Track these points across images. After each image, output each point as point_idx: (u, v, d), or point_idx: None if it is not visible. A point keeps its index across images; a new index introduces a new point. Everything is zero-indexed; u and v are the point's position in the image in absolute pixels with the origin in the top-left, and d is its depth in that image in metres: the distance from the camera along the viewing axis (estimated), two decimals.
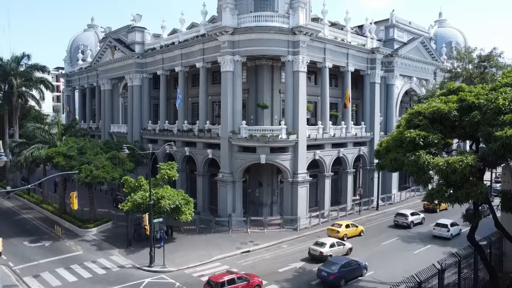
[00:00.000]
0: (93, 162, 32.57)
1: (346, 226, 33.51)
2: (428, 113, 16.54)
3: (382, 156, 18.19)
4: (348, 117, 42.20)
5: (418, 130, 16.24)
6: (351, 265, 24.61)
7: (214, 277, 22.18)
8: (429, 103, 17.24)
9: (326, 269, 23.79)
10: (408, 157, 15.70)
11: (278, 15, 34.97)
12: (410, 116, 17.37)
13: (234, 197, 36.29)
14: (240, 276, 22.48)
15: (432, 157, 15.57)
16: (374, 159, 44.09)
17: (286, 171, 35.82)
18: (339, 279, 23.50)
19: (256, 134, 34.47)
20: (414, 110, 17.41)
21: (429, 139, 15.84)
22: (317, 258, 27.57)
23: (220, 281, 21.41)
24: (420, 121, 16.67)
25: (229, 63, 35.46)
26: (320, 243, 28.68)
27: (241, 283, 22.03)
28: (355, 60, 42.58)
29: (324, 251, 27.73)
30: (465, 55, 42.43)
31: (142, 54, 46.97)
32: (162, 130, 44.37)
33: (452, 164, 14.18)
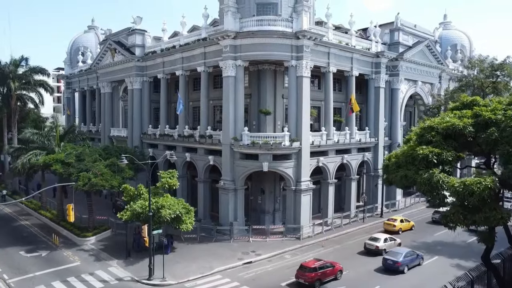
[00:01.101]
0: (92, 169, 31.80)
1: (400, 221, 37.61)
2: (441, 128, 15.69)
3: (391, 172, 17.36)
4: (352, 123, 41.37)
5: (431, 147, 15.38)
6: (411, 255, 28.70)
7: (306, 263, 26.23)
8: (441, 118, 16.40)
9: (391, 258, 28.03)
10: (420, 175, 14.88)
11: (281, 19, 34.15)
12: (422, 131, 16.52)
13: (236, 205, 35.51)
14: (327, 262, 26.71)
15: (447, 176, 14.75)
16: (378, 165, 43.86)
17: (289, 178, 35.01)
18: (403, 266, 27.67)
19: (259, 141, 33.64)
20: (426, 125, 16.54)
21: (442, 156, 15.00)
22: (373, 252, 31.19)
23: (313, 266, 25.74)
24: (432, 136, 15.81)
25: (231, 68, 34.66)
26: (375, 238, 32.19)
27: (328, 268, 26.38)
28: (359, 65, 41.74)
29: (379, 245, 31.29)
30: (477, 63, 41.37)
31: (142, 57, 46.18)
32: (163, 135, 43.59)
33: (469, 186, 13.36)
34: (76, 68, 63.79)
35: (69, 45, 66.35)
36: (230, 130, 34.72)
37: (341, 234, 37.00)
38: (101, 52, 52.91)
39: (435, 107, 36.73)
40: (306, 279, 25.20)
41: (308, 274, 25.28)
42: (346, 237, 36.38)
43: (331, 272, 26.34)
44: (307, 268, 25.61)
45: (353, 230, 38.31)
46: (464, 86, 37.76)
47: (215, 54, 36.59)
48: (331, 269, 26.41)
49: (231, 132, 34.78)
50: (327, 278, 26.07)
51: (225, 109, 35.26)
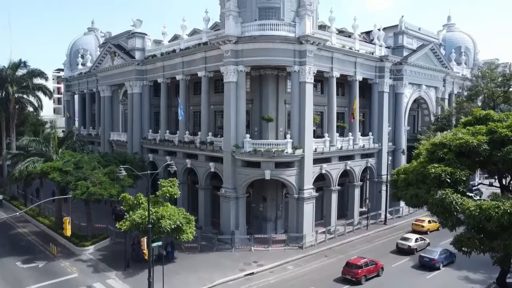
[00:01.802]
0: (90, 177, 31.11)
1: (428, 222, 38.83)
2: (454, 146, 14.95)
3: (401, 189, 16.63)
4: (355, 128, 40.61)
5: (443, 165, 14.65)
6: (445, 253, 30.60)
7: (353, 261, 28.20)
8: (454, 134, 15.65)
9: (428, 256, 30.24)
10: (432, 196, 14.14)
11: (283, 23, 33.41)
12: (433, 147, 15.77)
13: (237, 213, 34.81)
14: (370, 260, 28.74)
15: (460, 197, 14.00)
16: (382, 171, 43.15)
17: (292, 186, 34.28)
18: (439, 263, 29.87)
19: (261, 148, 32.90)
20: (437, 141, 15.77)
21: (456, 176, 14.27)
22: (405, 251, 33.31)
23: (359, 263, 27.71)
24: (445, 154, 15.08)
25: (232, 74, 33.94)
26: (406, 238, 34.20)
27: (372, 265, 28.46)
28: (363, 69, 40.97)
29: (411, 245, 33.46)
30: (487, 72, 40.34)
31: (142, 61, 45.47)
32: (163, 140, 42.91)
33: (486, 211, 12.64)
34: (76, 71, 63.12)
35: (68, 47, 65.65)
36: (232, 137, 34.01)
37: (345, 242, 36.25)
38: (101, 55, 52.20)
39: (443, 117, 35.79)
40: (353, 275, 27.42)
41: (355, 270, 27.46)
42: (350, 246, 35.64)
43: (374, 269, 28.61)
44: (354, 265, 27.76)
45: (356, 238, 37.58)
46: (474, 95, 36.69)
47: (216, 59, 35.86)
48: (374, 266, 28.66)
49: (232, 139, 34.07)
50: (371, 275, 28.32)
51: (226, 115, 34.55)
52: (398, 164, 45.32)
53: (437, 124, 36.28)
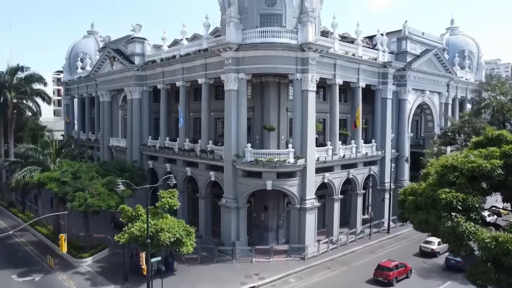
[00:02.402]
0: (88, 188, 30.49)
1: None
2: (466, 169, 14.24)
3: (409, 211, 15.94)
4: (358, 135, 39.94)
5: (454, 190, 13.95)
6: None
7: (384, 263, 29.75)
8: (465, 156, 14.94)
9: (454, 258, 29.88)
10: (443, 223, 13.45)
11: (285, 30, 32.75)
12: (443, 169, 15.05)
13: (238, 223, 34.17)
14: (400, 263, 30.13)
15: (474, 225, 13.32)
16: (385, 179, 42.48)
17: (294, 197, 33.64)
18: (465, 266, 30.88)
19: (262, 158, 32.26)
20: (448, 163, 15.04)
21: (468, 202, 13.59)
22: (429, 254, 34.67)
23: (391, 266, 29.29)
24: (456, 177, 14.37)
25: (233, 81, 33.28)
26: (429, 241, 34.89)
27: (402, 267, 29.95)
28: (366, 75, 40.29)
29: (434, 248, 34.62)
30: (497, 86, 39.34)
31: (142, 67, 44.81)
32: (163, 147, 42.27)
33: (503, 244, 11.96)
34: (75, 75, 62.45)
35: (68, 50, 64.98)
36: (232, 146, 33.36)
37: (347, 253, 35.62)
38: (100, 59, 51.53)
39: (452, 131, 34.93)
40: (385, 277, 28.96)
41: (387, 273, 29.02)
42: (353, 257, 35.00)
43: (404, 271, 30.01)
44: (386, 268, 29.31)
45: (359, 248, 36.93)
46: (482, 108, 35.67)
47: (217, 66, 35.20)
48: (404, 269, 30.03)
49: (233, 148, 33.43)
50: (401, 277, 29.81)
51: (227, 124, 33.89)
52: (401, 171, 44.79)
53: (444, 138, 35.45)
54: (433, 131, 49.92)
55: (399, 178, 44.64)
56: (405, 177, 44.94)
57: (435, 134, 49.92)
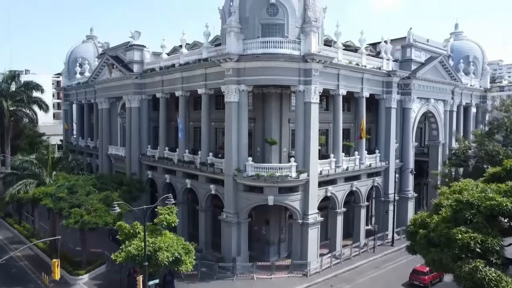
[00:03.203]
0: (84, 204, 29.60)
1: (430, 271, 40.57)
2: (484, 207, 13.27)
3: (420, 246, 14.99)
4: (362, 146, 39.03)
5: (471, 230, 12.99)
6: None
7: (419, 268, 30.78)
8: (482, 191, 13.98)
9: None
10: (460, 267, 12.49)
11: (288, 40, 31.81)
12: (458, 204, 14.06)
13: (239, 239, 33.30)
14: None
15: (495, 271, 12.33)
16: (389, 190, 41.56)
17: (296, 212, 32.76)
18: None
19: (264, 173, 31.36)
20: (462, 198, 14.07)
21: (487, 244, 12.63)
22: None
23: (426, 270, 30.03)
24: (472, 215, 13.41)
25: (234, 93, 32.37)
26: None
27: (434, 272, 29.63)
28: (370, 85, 39.36)
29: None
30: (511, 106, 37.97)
31: (140, 75, 43.90)
32: (162, 158, 41.38)
33: None
34: (74, 80, 61.51)
35: (66, 55, 64.05)
36: (233, 160, 32.47)
37: (351, 268, 34.71)
38: (99, 66, 50.62)
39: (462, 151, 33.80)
40: (421, 281, 30.56)
41: (423, 277, 30.50)
42: (357, 272, 34.09)
43: (437, 275, 30.80)
44: (421, 272, 30.62)
45: (363, 263, 36.02)
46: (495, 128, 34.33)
47: (217, 76, 34.29)
48: (436, 273, 30.27)
49: (234, 161, 32.53)
50: (436, 280, 31.20)
51: (227, 137, 32.98)
52: (405, 182, 43.84)
53: (454, 160, 34.38)
54: (438, 140, 48.98)
55: (403, 188, 43.71)
56: (409, 188, 44.03)
57: (439, 143, 49.03)
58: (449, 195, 15.56)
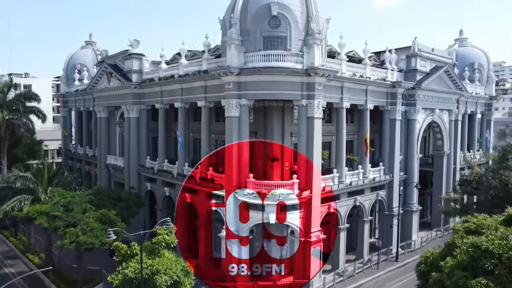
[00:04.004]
0: (80, 223, 28.71)
1: None
2: (506, 258, 12.27)
3: None
4: (365, 160, 38.07)
5: (492, 283, 12.01)
6: None
7: None
8: (502, 238, 12.99)
9: None
10: None
11: (290, 53, 30.87)
12: (475, 251, 13.05)
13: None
14: None
15: None
16: (393, 204, 40.62)
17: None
18: None
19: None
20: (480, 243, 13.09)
21: None
22: None
23: None
24: (493, 266, 12.41)
25: (234, 108, 31.41)
26: None
27: None
28: (374, 96, 38.40)
29: None
30: None
31: (139, 84, 43.02)
32: (161, 170, 40.52)
33: None
34: (73, 87, 60.49)
35: (65, 62, 63.04)
36: (234, 177, 31.52)
37: (355, 287, 33.80)
38: (97, 74, 49.77)
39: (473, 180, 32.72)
40: None
41: None
42: None
43: None
44: None
45: (367, 280, 35.20)
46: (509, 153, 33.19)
47: (217, 89, 33.35)
48: None
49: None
50: None
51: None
52: (410, 195, 42.91)
53: (466, 188, 33.32)
54: (443, 150, 48.10)
55: (407, 201, 42.78)
56: (414, 201, 43.08)
57: (444, 153, 48.11)
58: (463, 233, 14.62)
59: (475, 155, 56.86)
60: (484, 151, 59.34)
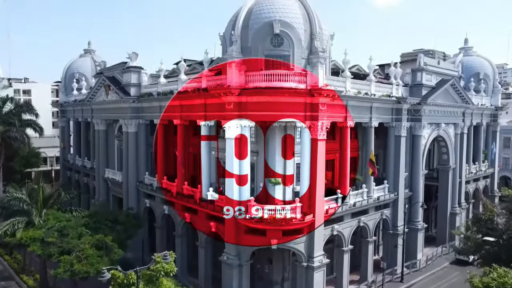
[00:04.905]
0: (75, 250, 27.69)
1: None
2: None
3: None
4: (370, 178, 37.01)
5: None
6: None
7: None
8: None
9: None
10: None
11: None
12: None
13: (241, 282, 31.34)
14: None
15: None
16: (398, 223, 39.57)
17: (300, 254, 30.84)
18: None
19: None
20: None
21: None
22: None
23: None
24: None
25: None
26: None
27: None
28: (379, 113, 37.35)
29: None
30: None
31: (138, 98, 42.00)
32: (160, 188, 39.47)
33: None
34: (71, 97, 59.35)
35: (63, 70, 62.01)
36: (234, 201, 30.47)
37: None
38: (95, 86, 48.74)
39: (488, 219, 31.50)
40: None
41: None
42: None
43: None
44: None
45: None
46: None
47: (218, 108, 32.08)
48: None
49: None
50: None
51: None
52: (415, 212, 41.92)
53: (479, 228, 32.08)
54: (448, 165, 47.02)
55: (412, 219, 41.73)
56: (419, 219, 42.05)
57: (450, 168, 47.04)
58: None
59: (481, 167, 55.85)
60: (489, 163, 58.35)
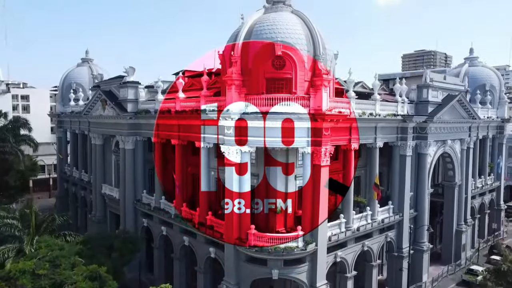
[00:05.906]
0: (67, 282, 26.50)
1: None
2: None
3: None
4: (374, 201, 35.82)
5: None
6: None
7: None
8: None
9: None
10: None
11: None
12: None
13: None
14: None
15: None
16: (403, 245, 38.37)
17: (302, 284, 29.66)
18: None
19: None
20: None
21: None
22: None
23: None
24: None
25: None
26: None
27: None
28: (383, 133, 36.14)
29: None
30: None
31: (135, 115, 40.86)
32: (158, 208, 38.39)
33: None
34: (68, 107, 58.22)
35: (60, 80, 60.87)
36: (234, 227, 29.32)
37: None
38: (92, 100, 47.57)
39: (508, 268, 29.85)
40: None
41: None
42: None
43: None
44: None
45: None
46: None
47: (215, 131, 31.03)
48: None
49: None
50: None
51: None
52: (420, 233, 40.79)
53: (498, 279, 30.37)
54: (454, 181, 45.80)
55: (418, 240, 40.55)
56: (424, 239, 40.86)
57: (456, 184, 45.83)
58: None
59: (487, 181, 54.66)
60: (495, 176, 57.15)
